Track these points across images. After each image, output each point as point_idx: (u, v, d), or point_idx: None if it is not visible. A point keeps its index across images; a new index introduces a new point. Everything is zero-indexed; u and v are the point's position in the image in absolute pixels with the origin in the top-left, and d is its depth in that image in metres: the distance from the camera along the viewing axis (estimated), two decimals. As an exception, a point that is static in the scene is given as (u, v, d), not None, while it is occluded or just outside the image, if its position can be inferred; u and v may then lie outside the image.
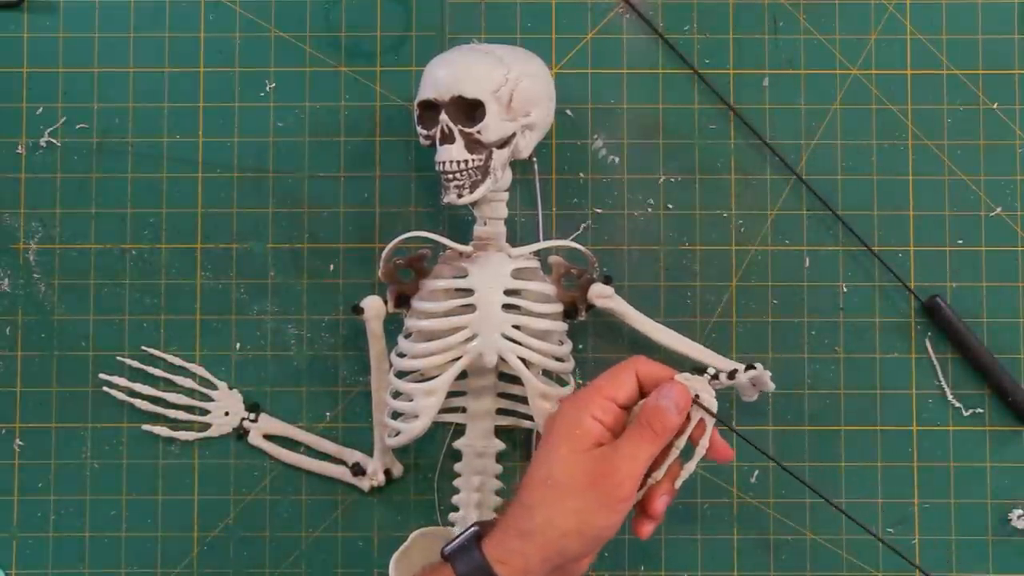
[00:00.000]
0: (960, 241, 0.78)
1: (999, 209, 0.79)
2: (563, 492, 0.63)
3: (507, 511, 0.66)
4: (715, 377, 0.69)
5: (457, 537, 0.66)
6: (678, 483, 0.67)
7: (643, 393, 0.67)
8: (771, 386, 0.71)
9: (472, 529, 0.66)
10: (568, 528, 0.63)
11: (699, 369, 0.71)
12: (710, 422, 0.66)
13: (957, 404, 0.78)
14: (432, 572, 0.65)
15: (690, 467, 0.67)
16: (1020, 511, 0.77)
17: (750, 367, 0.71)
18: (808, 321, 0.78)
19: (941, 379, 0.78)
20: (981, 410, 0.78)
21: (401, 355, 0.72)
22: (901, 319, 0.78)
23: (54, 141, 0.79)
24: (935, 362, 0.78)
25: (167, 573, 0.78)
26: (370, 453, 0.77)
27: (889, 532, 0.77)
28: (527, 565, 0.63)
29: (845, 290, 0.78)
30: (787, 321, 0.78)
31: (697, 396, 0.66)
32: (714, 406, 0.66)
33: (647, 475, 0.66)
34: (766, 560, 0.78)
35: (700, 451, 0.67)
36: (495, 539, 0.64)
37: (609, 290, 0.73)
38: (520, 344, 0.70)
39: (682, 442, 0.66)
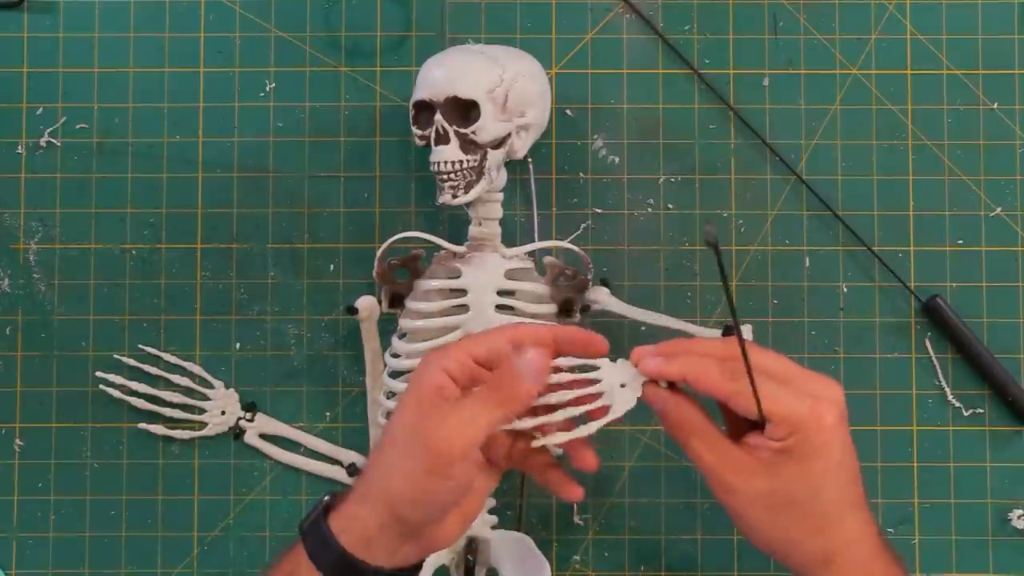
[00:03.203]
0: (960, 241, 0.78)
1: (999, 209, 0.78)
2: (398, 451, 0.56)
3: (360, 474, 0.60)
4: None
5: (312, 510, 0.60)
6: (548, 441, 0.58)
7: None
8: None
9: (324, 499, 0.60)
10: (397, 490, 0.56)
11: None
12: (615, 412, 0.57)
13: (957, 404, 0.78)
14: (290, 550, 0.60)
15: (561, 437, 0.57)
16: (1020, 511, 0.77)
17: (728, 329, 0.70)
18: (808, 321, 0.78)
19: (941, 379, 0.78)
20: (981, 410, 0.78)
21: (395, 355, 0.72)
22: (901, 319, 0.78)
23: (54, 141, 0.79)
24: (935, 362, 0.78)
25: (167, 573, 0.78)
26: (367, 453, 0.77)
27: (889, 532, 0.77)
28: (366, 531, 0.56)
29: (845, 290, 0.78)
30: (787, 321, 0.78)
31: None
32: (624, 399, 0.57)
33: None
34: (766, 560, 0.77)
35: (583, 431, 0.57)
36: (340, 508, 0.58)
37: (605, 292, 0.73)
38: (512, 344, 0.70)
39: (572, 411, 0.57)
